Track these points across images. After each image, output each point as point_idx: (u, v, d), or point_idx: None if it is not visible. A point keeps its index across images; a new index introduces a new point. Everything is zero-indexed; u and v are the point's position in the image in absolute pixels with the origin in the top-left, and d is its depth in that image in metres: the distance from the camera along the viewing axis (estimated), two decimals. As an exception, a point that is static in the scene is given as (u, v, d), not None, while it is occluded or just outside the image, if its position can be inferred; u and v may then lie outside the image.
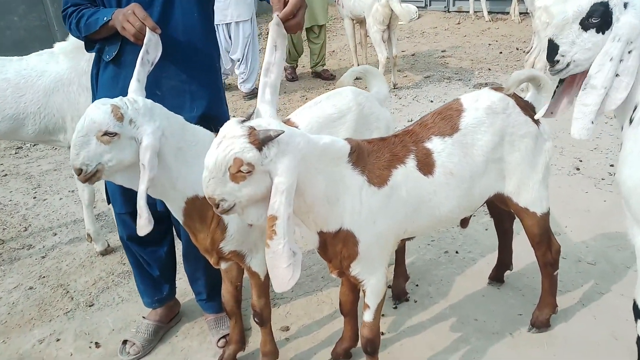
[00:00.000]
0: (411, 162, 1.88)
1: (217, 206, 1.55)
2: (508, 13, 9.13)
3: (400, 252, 2.68)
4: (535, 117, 1.98)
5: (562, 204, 3.39)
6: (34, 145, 5.49)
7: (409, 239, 2.66)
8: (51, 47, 3.11)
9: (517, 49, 7.34)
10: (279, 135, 1.46)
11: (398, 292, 2.69)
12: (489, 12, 9.12)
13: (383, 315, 2.61)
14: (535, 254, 2.29)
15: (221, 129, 1.52)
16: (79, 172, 1.74)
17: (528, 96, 2.17)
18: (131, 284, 2.96)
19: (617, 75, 1.58)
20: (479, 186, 2.02)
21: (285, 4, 1.75)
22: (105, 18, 2.01)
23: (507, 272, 2.74)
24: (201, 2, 2.17)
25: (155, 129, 1.75)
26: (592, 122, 1.61)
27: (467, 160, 1.96)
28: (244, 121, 1.52)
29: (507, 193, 2.11)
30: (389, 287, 2.75)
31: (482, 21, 9.03)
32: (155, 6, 2.07)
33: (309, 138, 1.60)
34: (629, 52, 1.57)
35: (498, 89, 2.08)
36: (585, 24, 1.61)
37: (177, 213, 1.99)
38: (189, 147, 1.87)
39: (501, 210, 2.49)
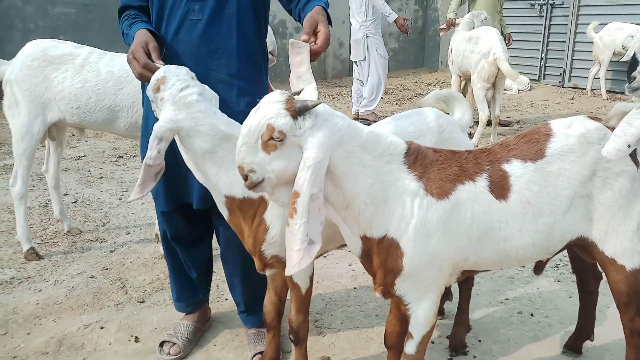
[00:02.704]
0: (482, 182, 1.69)
1: (246, 178, 1.49)
2: (630, 94, 8.59)
3: (464, 299, 2.42)
4: None
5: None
6: (134, 155, 5.79)
7: (472, 278, 2.43)
8: None
9: (635, 128, 6.80)
10: (316, 105, 1.38)
11: (456, 343, 2.41)
12: (608, 91, 8.63)
13: (435, 364, 2.34)
14: (620, 318, 1.94)
15: (263, 98, 1.47)
16: None
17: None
18: (185, 289, 2.91)
19: None
20: (560, 224, 1.76)
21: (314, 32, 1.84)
22: (128, 42, 2.05)
23: (588, 344, 2.38)
24: (256, 2, 2.15)
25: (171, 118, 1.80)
26: (628, 146, 1.56)
27: (548, 192, 1.73)
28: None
29: (592, 238, 1.82)
30: (446, 337, 2.49)
31: (599, 99, 8.54)
32: None
33: (351, 123, 1.50)
34: None
35: (596, 118, 1.85)
36: None
37: (221, 207, 1.97)
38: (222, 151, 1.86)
39: (586, 265, 2.18)
